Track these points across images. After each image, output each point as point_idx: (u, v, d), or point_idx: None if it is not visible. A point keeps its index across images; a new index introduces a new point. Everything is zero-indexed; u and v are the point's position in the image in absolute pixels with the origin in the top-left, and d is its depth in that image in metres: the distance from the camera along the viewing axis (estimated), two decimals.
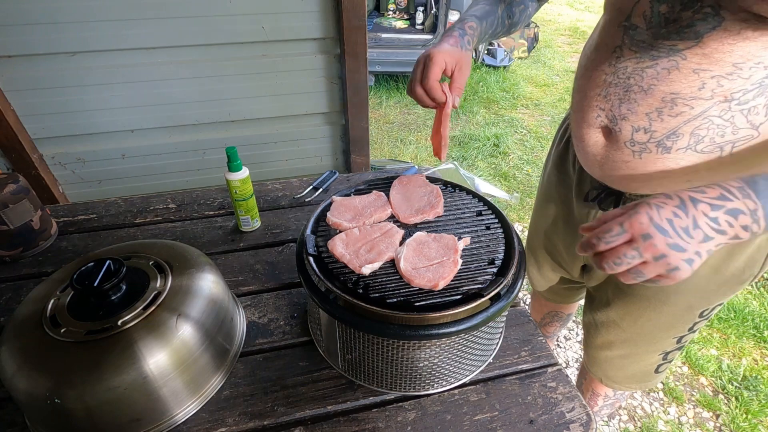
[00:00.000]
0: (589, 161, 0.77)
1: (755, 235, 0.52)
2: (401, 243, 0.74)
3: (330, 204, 0.83)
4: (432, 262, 0.69)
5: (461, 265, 0.71)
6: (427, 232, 0.77)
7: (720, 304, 0.84)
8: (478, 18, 0.84)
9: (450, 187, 0.90)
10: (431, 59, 0.76)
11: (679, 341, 0.91)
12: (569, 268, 1.03)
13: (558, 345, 1.87)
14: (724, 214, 0.51)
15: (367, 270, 0.69)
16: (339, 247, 0.73)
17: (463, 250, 0.73)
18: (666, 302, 0.84)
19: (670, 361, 0.96)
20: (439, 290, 0.66)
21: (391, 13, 4.48)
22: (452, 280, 0.68)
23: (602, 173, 0.75)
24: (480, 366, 0.79)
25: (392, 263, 0.71)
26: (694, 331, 0.89)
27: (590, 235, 0.55)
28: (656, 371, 0.98)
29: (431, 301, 0.65)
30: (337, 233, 0.77)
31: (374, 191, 0.86)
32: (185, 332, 0.68)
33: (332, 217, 0.79)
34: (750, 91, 0.58)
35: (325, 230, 0.79)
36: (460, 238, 0.73)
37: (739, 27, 0.55)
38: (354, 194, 0.87)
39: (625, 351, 0.97)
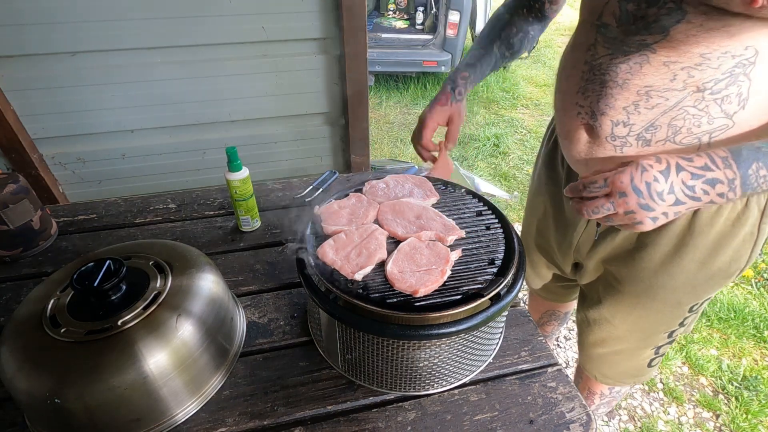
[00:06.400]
0: (574, 159, 0.78)
1: (730, 201, 0.59)
2: (393, 245, 0.74)
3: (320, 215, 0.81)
4: (420, 269, 0.69)
5: (461, 266, 0.71)
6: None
7: (708, 299, 0.86)
8: (471, 65, 0.94)
9: (450, 186, 0.90)
10: (424, 124, 0.94)
11: (669, 335, 0.93)
12: (561, 264, 1.03)
13: (558, 345, 1.87)
14: (702, 183, 0.56)
15: (359, 275, 0.68)
16: (329, 253, 0.72)
17: (463, 249, 0.73)
18: (655, 299, 0.85)
19: (662, 355, 0.98)
20: (438, 290, 0.66)
21: (391, 13, 4.48)
22: (452, 280, 0.68)
23: (587, 170, 0.76)
24: (480, 366, 0.79)
25: None
26: (684, 325, 0.91)
27: (579, 182, 0.63)
28: (649, 365, 1.00)
29: (431, 301, 0.65)
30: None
31: (350, 194, 0.85)
32: (185, 332, 0.68)
33: (329, 227, 0.78)
34: (721, 80, 0.60)
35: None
36: (453, 250, 0.73)
37: (701, 19, 0.58)
38: (335, 200, 0.84)
39: (617, 348, 0.99)
